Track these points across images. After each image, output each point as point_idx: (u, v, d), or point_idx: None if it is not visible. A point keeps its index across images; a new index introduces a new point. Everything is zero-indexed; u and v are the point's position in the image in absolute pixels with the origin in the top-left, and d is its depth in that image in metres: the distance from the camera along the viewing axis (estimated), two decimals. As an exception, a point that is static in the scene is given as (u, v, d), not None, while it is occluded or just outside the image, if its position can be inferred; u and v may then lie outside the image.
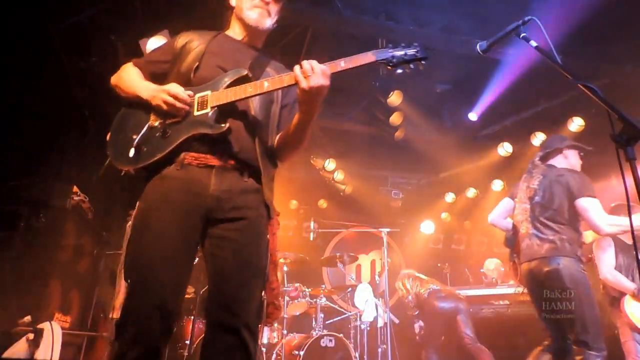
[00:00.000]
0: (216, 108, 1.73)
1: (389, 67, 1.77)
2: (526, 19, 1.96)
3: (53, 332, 3.03)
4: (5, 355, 2.87)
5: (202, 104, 1.74)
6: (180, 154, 1.70)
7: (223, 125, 1.69)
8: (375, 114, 5.87)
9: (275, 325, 4.80)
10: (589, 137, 5.78)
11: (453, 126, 6.24)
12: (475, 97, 5.61)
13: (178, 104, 1.72)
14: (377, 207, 7.74)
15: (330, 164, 6.84)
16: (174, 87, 1.74)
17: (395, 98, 5.26)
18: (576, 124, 5.61)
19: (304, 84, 1.63)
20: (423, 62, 1.79)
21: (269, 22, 1.97)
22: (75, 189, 3.93)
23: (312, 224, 6.06)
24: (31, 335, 2.96)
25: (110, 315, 4.13)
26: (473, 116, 5.85)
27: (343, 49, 4.89)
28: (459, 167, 7.23)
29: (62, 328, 3.25)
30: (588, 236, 3.78)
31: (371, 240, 7.80)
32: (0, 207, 3.60)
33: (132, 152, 1.72)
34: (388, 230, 5.45)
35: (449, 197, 7.75)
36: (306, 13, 4.33)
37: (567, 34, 4.09)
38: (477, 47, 2.16)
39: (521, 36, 1.95)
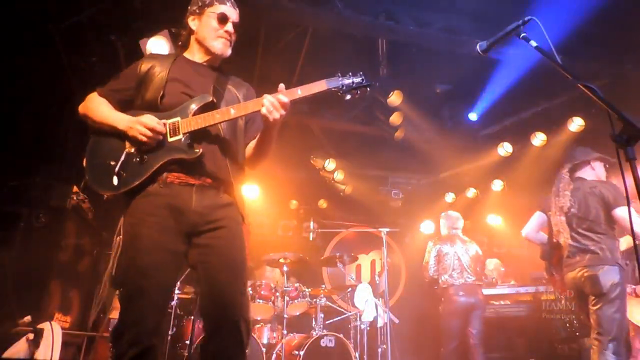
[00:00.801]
0: (188, 134, 1.88)
1: (339, 94, 2.01)
2: (526, 19, 1.96)
3: (53, 332, 3.03)
4: (5, 355, 2.88)
5: (174, 130, 1.88)
6: (162, 174, 1.86)
7: (197, 150, 1.86)
8: (375, 114, 5.87)
9: (276, 325, 4.81)
10: (589, 137, 5.79)
11: (453, 126, 6.23)
12: (475, 97, 5.61)
13: (153, 135, 1.85)
14: (377, 207, 7.74)
15: (330, 164, 6.84)
16: (149, 120, 1.86)
17: (395, 98, 5.26)
18: (576, 124, 5.60)
19: (269, 117, 1.84)
20: (368, 88, 2.03)
21: (229, 51, 2.13)
22: (75, 189, 3.93)
23: (312, 224, 6.05)
24: (31, 335, 2.96)
25: (110, 316, 4.14)
26: (473, 116, 5.85)
27: (343, 49, 4.92)
28: (459, 167, 7.23)
29: (62, 328, 3.25)
30: (622, 243, 3.85)
31: (371, 240, 7.80)
32: (0, 207, 3.60)
33: (115, 180, 1.86)
34: (388, 230, 5.44)
35: (449, 197, 7.74)
36: (306, 13, 4.33)
37: (567, 34, 4.09)
38: (477, 47, 2.16)
39: (521, 36, 1.95)
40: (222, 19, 2.06)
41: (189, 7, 2.14)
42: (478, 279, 5.15)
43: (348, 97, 2.01)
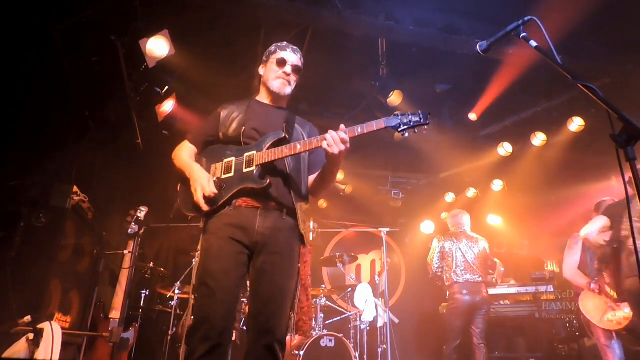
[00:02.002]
0: (260, 166, 2.17)
1: (397, 132, 2.15)
2: (526, 19, 1.96)
3: (53, 332, 3.03)
4: (5, 355, 2.88)
5: (249, 162, 2.20)
6: (233, 200, 2.17)
7: (265, 181, 2.14)
8: (375, 114, 5.87)
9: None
10: (589, 137, 5.80)
11: (453, 126, 6.23)
12: (475, 97, 5.61)
13: (203, 194, 2.17)
14: (377, 207, 7.75)
15: (330, 164, 6.83)
16: (205, 184, 2.18)
17: (395, 98, 5.26)
18: (576, 124, 5.61)
19: (329, 151, 2.07)
20: (425, 127, 2.17)
21: (289, 90, 2.46)
22: (75, 189, 3.92)
23: (312, 224, 6.05)
24: (31, 335, 2.96)
25: (110, 316, 4.14)
26: (473, 116, 5.85)
27: (343, 49, 4.92)
28: (459, 167, 7.23)
29: (62, 328, 3.25)
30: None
31: (371, 240, 7.81)
32: (0, 207, 3.60)
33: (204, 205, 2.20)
34: (388, 230, 5.45)
35: (449, 197, 7.74)
36: (306, 13, 4.33)
37: (567, 34, 4.09)
38: (477, 47, 2.16)
39: (521, 36, 1.95)
40: (281, 62, 2.42)
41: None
42: (484, 278, 5.10)
43: (406, 135, 2.15)
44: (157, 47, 3.98)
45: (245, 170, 2.19)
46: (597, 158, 5.98)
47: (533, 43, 1.91)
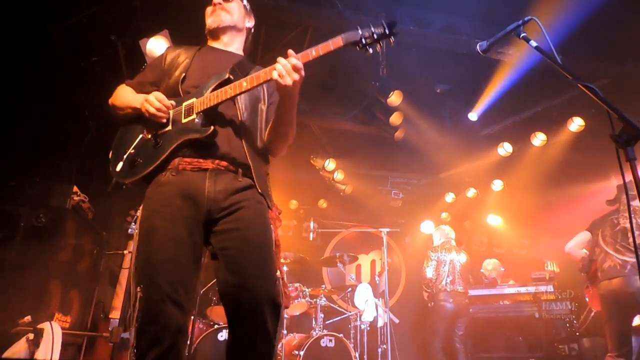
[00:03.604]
0: (201, 113, 1.80)
1: (359, 49, 1.80)
2: (526, 19, 1.96)
3: (53, 332, 3.03)
4: (5, 355, 2.88)
5: (189, 111, 1.82)
6: (175, 159, 1.78)
7: (208, 128, 1.77)
8: (375, 114, 5.86)
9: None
10: (589, 137, 5.80)
11: (453, 126, 6.23)
12: (475, 97, 5.61)
13: (161, 108, 1.81)
14: (377, 207, 7.74)
15: (330, 164, 6.83)
16: (158, 94, 1.84)
17: (395, 98, 5.26)
18: (576, 124, 5.61)
19: (281, 82, 1.71)
20: (392, 38, 1.81)
21: (226, 18, 2.09)
22: (75, 189, 3.92)
23: (312, 224, 6.06)
24: (31, 335, 2.96)
25: (110, 316, 4.14)
26: (473, 116, 5.85)
27: (343, 49, 4.91)
28: (459, 167, 7.23)
29: (62, 328, 3.25)
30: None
31: (371, 240, 7.80)
32: (0, 207, 3.60)
33: (119, 166, 1.87)
34: (388, 230, 5.45)
35: (449, 197, 7.74)
36: (306, 13, 4.33)
37: (567, 34, 4.09)
38: (477, 47, 2.16)
39: (521, 36, 1.95)
40: None
41: None
42: (465, 288, 5.54)
43: (370, 51, 1.81)
44: (157, 47, 3.98)
45: (184, 121, 1.81)
46: (597, 158, 5.98)
47: (533, 43, 1.91)
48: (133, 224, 4.29)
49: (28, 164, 3.92)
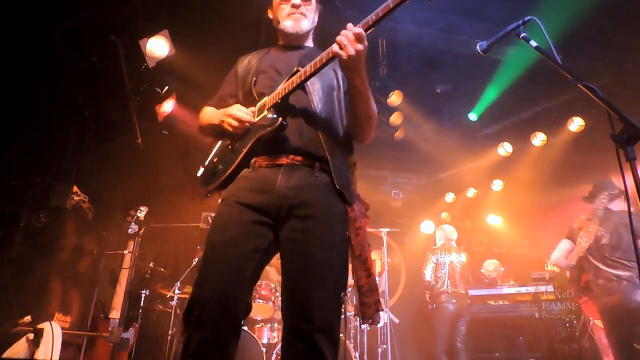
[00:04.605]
0: (272, 108, 1.76)
1: None
2: (526, 19, 1.96)
3: (53, 332, 3.03)
4: (5, 355, 2.88)
5: (261, 109, 1.81)
6: (252, 159, 1.78)
7: (278, 119, 1.72)
8: (375, 113, 5.86)
9: (276, 325, 4.80)
10: (589, 137, 5.80)
11: (453, 126, 6.23)
12: (475, 97, 5.61)
13: (240, 124, 1.79)
14: (377, 207, 7.72)
15: (330, 164, 6.83)
16: (234, 110, 1.83)
17: (395, 98, 5.26)
18: (576, 124, 5.61)
19: (343, 55, 1.59)
20: None
21: (306, 25, 2.05)
22: (75, 189, 3.92)
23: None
24: (31, 335, 2.96)
25: (110, 316, 4.14)
26: (473, 116, 5.85)
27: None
28: (459, 167, 7.23)
29: (62, 328, 3.25)
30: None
31: (371, 240, 7.74)
32: (0, 207, 3.60)
33: (202, 174, 1.92)
34: (388, 230, 5.45)
35: (449, 197, 7.74)
36: (306, 13, 4.33)
37: (567, 34, 4.09)
38: (477, 47, 2.15)
39: (521, 36, 1.95)
40: None
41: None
42: (466, 289, 5.58)
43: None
44: (157, 47, 3.98)
45: (257, 119, 1.79)
46: (597, 158, 5.98)
47: (533, 43, 1.91)
48: (133, 224, 4.29)
49: (28, 164, 3.92)
